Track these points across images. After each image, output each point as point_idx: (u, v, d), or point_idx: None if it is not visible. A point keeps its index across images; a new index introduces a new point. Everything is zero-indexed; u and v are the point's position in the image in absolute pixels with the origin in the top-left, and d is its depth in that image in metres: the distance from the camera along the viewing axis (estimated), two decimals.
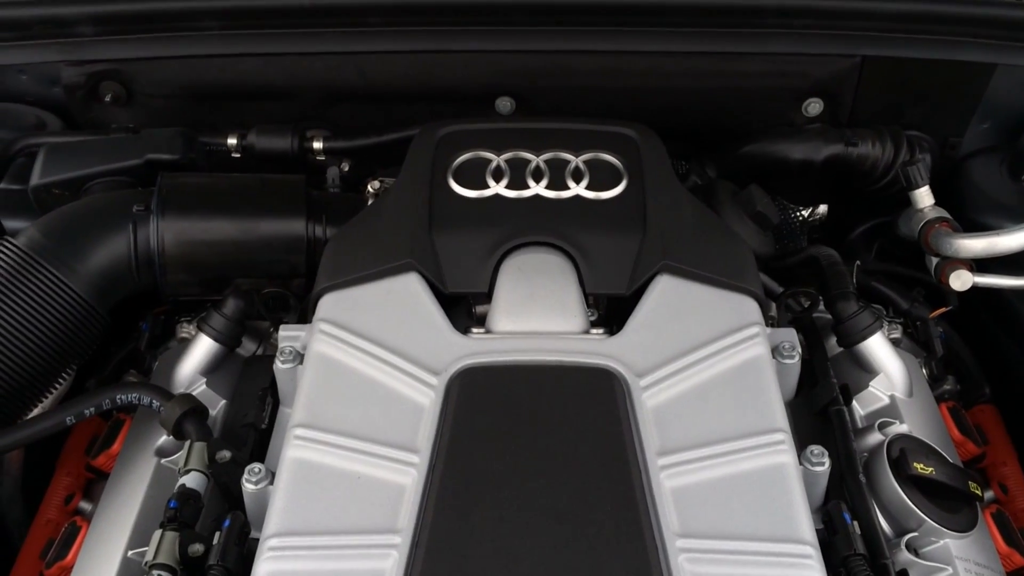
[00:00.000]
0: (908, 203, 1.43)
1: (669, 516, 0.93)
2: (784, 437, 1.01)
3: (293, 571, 0.91)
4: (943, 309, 1.39)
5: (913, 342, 1.40)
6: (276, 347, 1.19)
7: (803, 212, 1.63)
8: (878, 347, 1.25)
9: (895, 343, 1.34)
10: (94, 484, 1.31)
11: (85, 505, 1.27)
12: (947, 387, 1.35)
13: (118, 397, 1.18)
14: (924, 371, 1.36)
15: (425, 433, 1.00)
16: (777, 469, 0.98)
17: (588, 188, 1.24)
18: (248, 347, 1.36)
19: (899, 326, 1.38)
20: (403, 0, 1.45)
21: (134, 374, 1.38)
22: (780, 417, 1.03)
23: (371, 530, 0.93)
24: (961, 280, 1.28)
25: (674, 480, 0.96)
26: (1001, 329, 1.37)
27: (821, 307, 1.33)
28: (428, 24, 1.45)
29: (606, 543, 0.90)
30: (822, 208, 1.63)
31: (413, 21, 1.45)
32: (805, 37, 1.44)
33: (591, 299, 1.19)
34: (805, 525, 0.93)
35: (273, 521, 0.94)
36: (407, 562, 0.89)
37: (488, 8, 1.45)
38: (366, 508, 0.95)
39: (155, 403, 1.17)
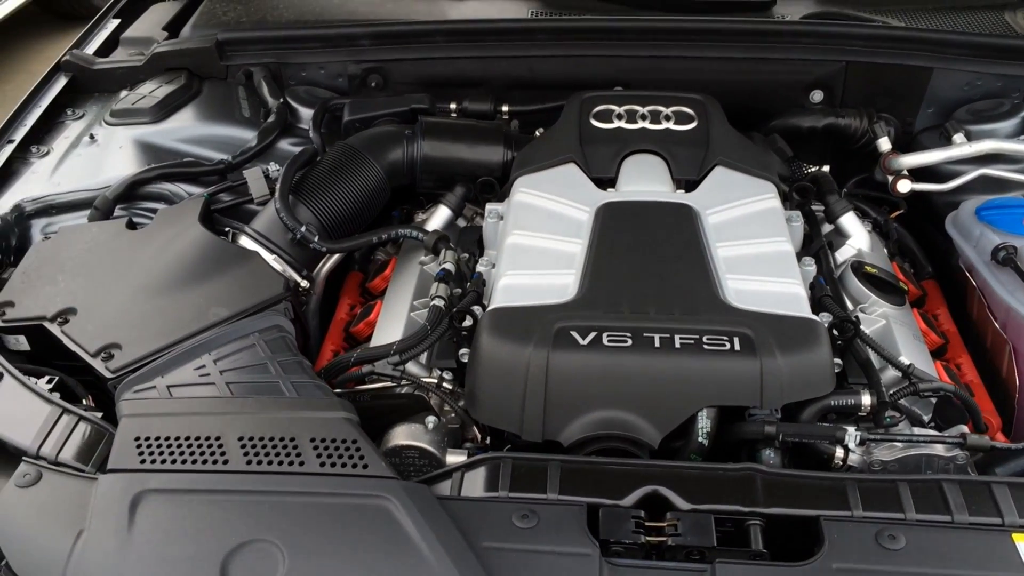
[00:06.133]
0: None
1: (721, 265, 1.63)
2: (787, 240, 1.70)
3: (520, 283, 1.61)
4: (898, 212, 2.08)
5: (878, 235, 2.08)
6: (479, 223, 1.93)
7: (812, 168, 2.33)
8: (851, 221, 1.94)
9: (869, 234, 2.03)
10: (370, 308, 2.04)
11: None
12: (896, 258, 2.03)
13: (399, 231, 1.93)
14: (885, 251, 2.03)
15: (585, 230, 1.73)
16: (781, 253, 1.67)
17: (674, 124, 1.98)
18: (462, 224, 2.11)
19: (870, 223, 2.07)
20: (557, 25, 2.26)
21: None
22: (785, 231, 1.73)
23: (559, 267, 1.64)
24: (904, 185, 1.98)
25: (724, 252, 1.66)
26: (935, 228, 2.04)
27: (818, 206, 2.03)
28: (573, 39, 2.25)
29: (687, 271, 1.60)
30: (826, 167, 2.34)
31: (564, 37, 2.25)
32: (809, 48, 2.20)
33: (677, 183, 1.90)
34: (796, 274, 1.62)
35: (503, 265, 1.67)
36: (580, 279, 1.60)
37: (610, 31, 2.24)
38: (555, 259, 1.67)
39: (420, 235, 1.92)
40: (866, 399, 1.47)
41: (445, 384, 1.60)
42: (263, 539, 1.22)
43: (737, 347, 1.43)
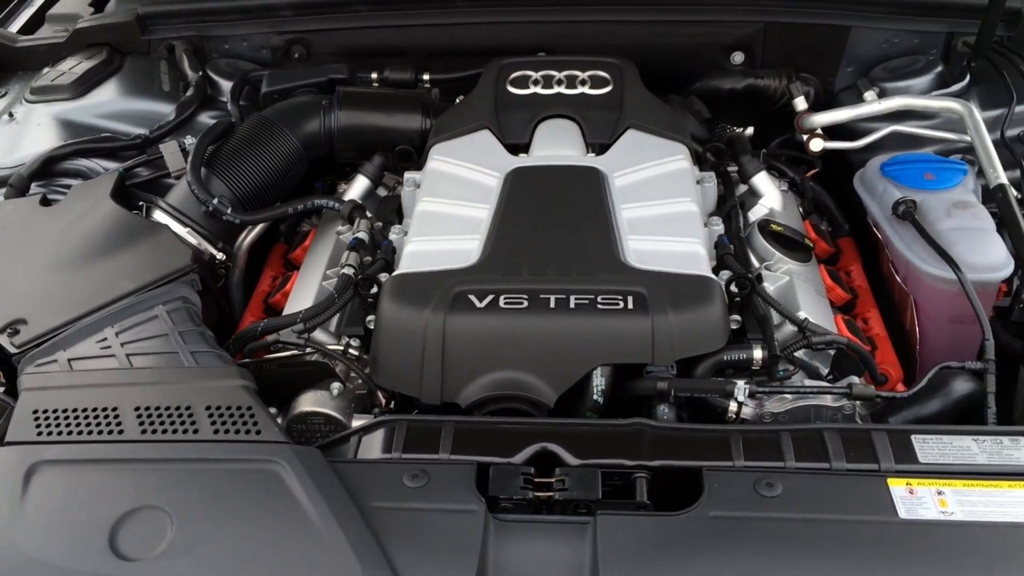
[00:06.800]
0: None
1: (624, 226, 1.64)
2: (692, 200, 1.71)
3: (425, 249, 1.62)
4: (813, 171, 2.09)
5: (795, 194, 2.09)
6: (399, 192, 1.93)
7: (736, 130, 2.34)
8: (763, 181, 1.95)
9: (783, 194, 2.04)
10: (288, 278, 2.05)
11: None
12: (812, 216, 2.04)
13: (315, 201, 1.92)
14: (800, 209, 2.05)
15: (493, 196, 1.73)
16: (686, 213, 1.69)
17: (589, 88, 1.98)
18: (382, 193, 2.11)
19: (786, 183, 2.08)
20: None
21: None
22: (692, 191, 1.74)
23: (464, 233, 1.65)
24: (816, 144, 1.99)
25: (628, 214, 1.68)
26: (849, 184, 2.06)
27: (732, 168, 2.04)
28: (494, 6, 2.24)
29: (589, 233, 1.61)
30: (750, 129, 2.34)
31: (485, 4, 2.24)
32: (727, 10, 2.20)
33: (590, 147, 1.90)
34: (698, 233, 1.64)
35: (412, 232, 1.68)
36: (483, 244, 1.61)
37: None
38: (462, 225, 1.67)
39: (336, 205, 1.92)
40: (758, 353, 1.49)
41: (351, 351, 1.61)
42: (152, 505, 1.23)
43: (630, 306, 1.45)
